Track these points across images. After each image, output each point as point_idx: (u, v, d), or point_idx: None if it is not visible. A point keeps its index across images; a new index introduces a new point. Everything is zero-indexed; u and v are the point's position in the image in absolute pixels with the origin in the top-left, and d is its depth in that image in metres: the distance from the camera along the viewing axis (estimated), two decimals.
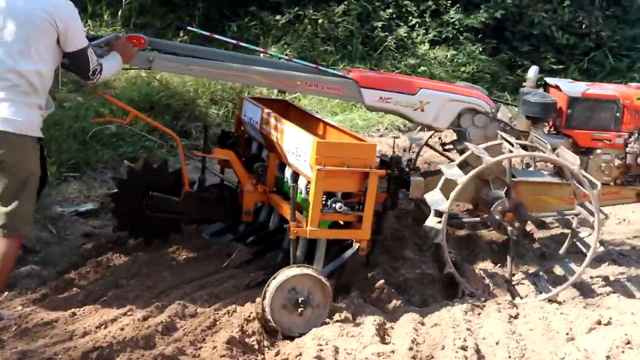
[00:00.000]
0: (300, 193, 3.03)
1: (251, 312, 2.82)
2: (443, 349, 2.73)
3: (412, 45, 7.67)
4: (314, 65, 3.37)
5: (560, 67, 8.15)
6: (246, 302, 2.91)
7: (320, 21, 7.31)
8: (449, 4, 7.90)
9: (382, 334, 2.79)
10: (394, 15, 7.75)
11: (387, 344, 2.73)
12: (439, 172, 3.66)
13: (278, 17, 7.29)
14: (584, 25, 8.65)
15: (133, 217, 3.27)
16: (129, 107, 3.32)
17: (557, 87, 3.72)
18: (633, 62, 8.62)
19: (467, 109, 3.45)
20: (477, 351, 2.71)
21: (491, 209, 3.31)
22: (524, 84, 3.88)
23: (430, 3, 7.84)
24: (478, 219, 3.55)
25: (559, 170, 3.60)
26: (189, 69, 3.19)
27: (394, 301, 3.13)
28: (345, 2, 7.46)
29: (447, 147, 4.05)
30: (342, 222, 3.00)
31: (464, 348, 2.69)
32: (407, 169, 3.55)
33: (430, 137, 4.24)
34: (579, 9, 8.64)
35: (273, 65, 3.36)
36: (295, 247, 2.91)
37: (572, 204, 3.50)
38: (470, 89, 3.74)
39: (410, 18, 7.76)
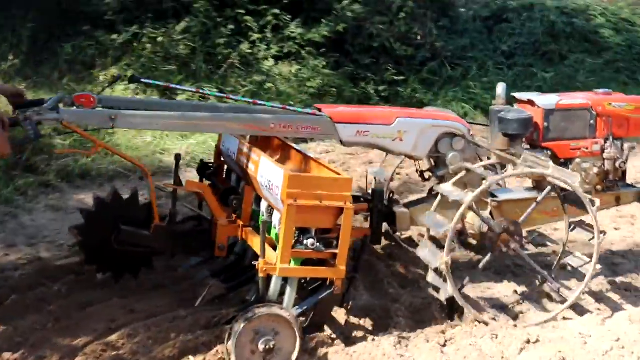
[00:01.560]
0: (275, 228, 2.91)
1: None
2: None
3: (255, 62, 7.53)
4: (281, 106, 3.27)
5: (401, 78, 8.29)
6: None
7: (160, 39, 7.13)
8: (289, 19, 7.80)
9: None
10: (235, 32, 7.61)
11: None
12: (420, 202, 3.63)
13: (115, 36, 7.07)
14: (419, 37, 8.89)
15: (101, 251, 3.16)
16: (94, 137, 3.22)
17: (529, 102, 3.69)
18: (466, 70, 8.90)
19: (444, 134, 3.36)
20: None
21: (486, 234, 3.21)
22: (494, 102, 3.77)
23: (270, 18, 7.69)
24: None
25: (537, 185, 3.56)
26: (156, 124, 3.08)
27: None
28: (186, 20, 7.30)
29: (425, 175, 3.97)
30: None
31: None
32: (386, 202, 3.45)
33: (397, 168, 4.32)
34: (413, 20, 8.89)
35: (237, 111, 3.26)
36: (265, 284, 2.78)
37: (556, 216, 3.49)
38: (442, 112, 3.74)
39: (251, 34, 7.61)
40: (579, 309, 3.37)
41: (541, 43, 9.66)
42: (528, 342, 2.95)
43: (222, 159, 3.61)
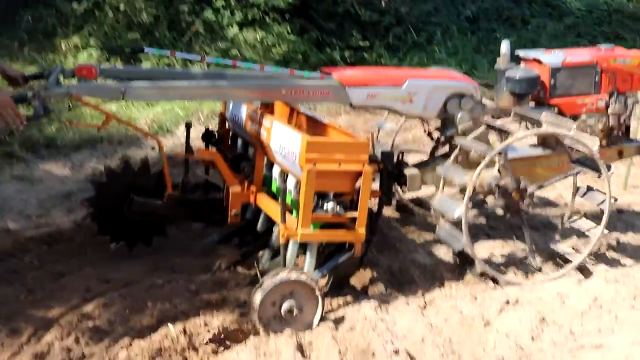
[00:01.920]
0: (290, 193, 2.90)
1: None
2: (374, 355, 2.70)
3: (220, 29, 7.53)
4: (288, 70, 3.24)
5: (366, 43, 8.37)
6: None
7: (122, 7, 7.04)
8: None
9: (302, 350, 2.70)
10: None
11: None
12: (427, 164, 3.64)
13: (75, 5, 7.00)
14: (383, 3, 8.93)
15: (114, 221, 3.15)
16: (106, 110, 3.17)
17: (535, 60, 3.72)
18: (431, 35, 9.06)
19: (453, 94, 3.37)
20: (409, 354, 2.70)
21: (500, 193, 3.25)
22: (498, 60, 3.78)
23: None
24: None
25: (543, 142, 3.64)
26: (166, 94, 3.05)
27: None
28: None
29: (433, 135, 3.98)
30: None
31: (396, 352, 2.68)
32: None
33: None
34: None
35: (245, 77, 3.23)
36: (285, 250, 2.80)
37: (559, 171, 3.60)
38: (449, 72, 3.76)
39: (215, 0, 7.58)
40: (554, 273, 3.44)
41: (504, 8, 9.91)
42: (507, 302, 3.05)
43: (227, 125, 3.58)
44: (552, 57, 3.73)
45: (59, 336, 2.60)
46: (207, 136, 3.56)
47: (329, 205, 2.71)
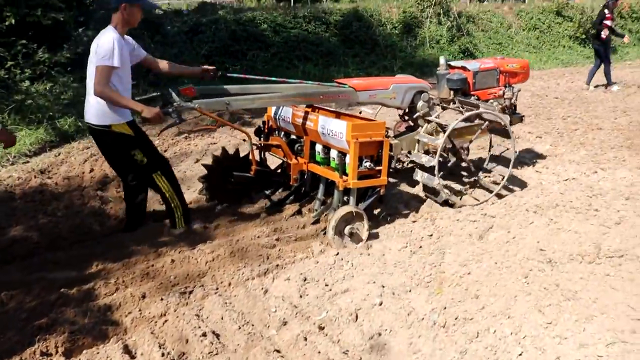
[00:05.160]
0: (333, 160, 4.48)
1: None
2: (187, 342, 3.09)
3: (13, 84, 8.47)
4: (317, 83, 4.69)
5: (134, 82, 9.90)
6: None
7: None
8: (35, 46, 9.03)
9: (129, 351, 3.03)
10: None
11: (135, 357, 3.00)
12: (404, 134, 5.33)
13: None
14: None
15: (219, 190, 4.60)
16: (217, 117, 4.51)
17: (462, 68, 5.60)
18: None
19: (417, 92, 5.17)
20: (214, 332, 3.16)
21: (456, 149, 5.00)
22: (439, 68, 5.64)
23: (19, 47, 8.78)
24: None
25: (468, 117, 5.19)
26: (254, 103, 4.23)
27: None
28: None
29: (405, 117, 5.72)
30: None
31: (204, 334, 3.11)
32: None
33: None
34: (136, 38, 10.32)
35: (292, 89, 4.56)
36: (341, 194, 4.40)
37: (481, 135, 5.22)
38: (411, 77, 5.48)
39: (6, 61, 8.57)
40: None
41: (228, 45, 12.49)
42: (277, 267, 3.98)
43: (270, 122, 5.08)
44: (473, 65, 5.66)
45: None
46: (258, 131, 5.07)
47: (367, 164, 4.30)
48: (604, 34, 11.65)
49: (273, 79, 4.66)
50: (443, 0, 16.80)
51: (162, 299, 3.57)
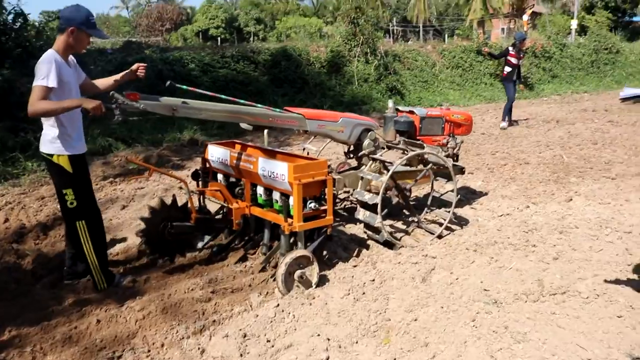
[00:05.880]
0: (276, 202, 4.34)
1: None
2: None
3: None
4: (267, 107, 4.48)
5: None
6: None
7: None
8: None
9: None
10: None
11: None
12: (346, 171, 5.30)
13: None
14: None
15: (159, 241, 4.33)
16: (148, 164, 4.32)
17: (410, 112, 5.61)
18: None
19: (365, 129, 5.11)
20: None
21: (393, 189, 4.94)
22: (387, 110, 5.65)
23: None
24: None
25: (408, 163, 5.22)
26: (201, 113, 4.01)
27: None
28: None
29: (350, 155, 5.64)
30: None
31: None
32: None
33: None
34: None
35: (244, 107, 4.31)
36: (287, 238, 4.24)
37: (424, 179, 5.26)
38: (359, 115, 5.47)
39: None
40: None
41: (154, 84, 11.83)
42: (214, 322, 3.75)
43: (208, 165, 4.87)
44: (420, 111, 5.68)
45: None
46: (195, 174, 4.85)
47: (312, 205, 4.18)
48: (506, 70, 12.24)
49: (223, 97, 4.41)
50: (370, 39, 17.18)
51: None
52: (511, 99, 12.32)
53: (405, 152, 5.31)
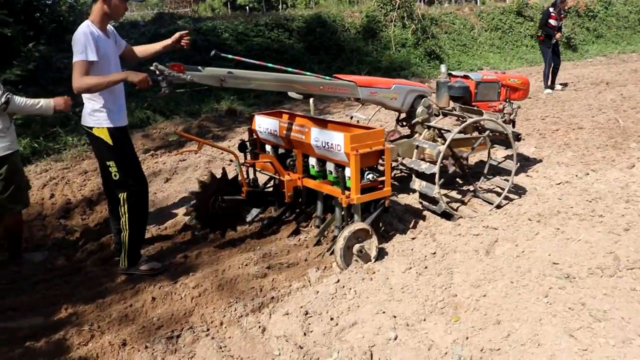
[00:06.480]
0: (331, 173, 4.14)
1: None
2: None
3: None
4: (316, 75, 4.26)
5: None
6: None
7: None
8: None
9: None
10: None
11: None
12: (400, 139, 5.05)
13: None
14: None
15: (210, 216, 4.19)
16: (199, 138, 4.15)
17: (465, 77, 5.30)
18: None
19: (418, 96, 4.85)
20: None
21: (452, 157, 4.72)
22: (440, 76, 5.36)
23: None
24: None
25: (469, 125, 5.03)
26: (250, 83, 3.87)
27: None
28: None
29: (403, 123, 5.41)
30: None
31: None
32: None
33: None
34: None
35: (293, 75, 4.12)
36: (342, 210, 4.05)
37: (482, 146, 5.00)
38: (413, 81, 5.21)
39: None
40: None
41: (189, 56, 11.60)
42: (272, 299, 3.58)
43: (256, 136, 4.69)
44: (476, 75, 5.37)
45: None
46: (242, 146, 4.66)
47: (370, 176, 3.97)
48: (554, 34, 11.45)
49: (270, 65, 4.18)
50: (406, 3, 16.63)
51: (146, 347, 3.13)
52: (549, 63, 11.67)
53: (462, 118, 5.04)
